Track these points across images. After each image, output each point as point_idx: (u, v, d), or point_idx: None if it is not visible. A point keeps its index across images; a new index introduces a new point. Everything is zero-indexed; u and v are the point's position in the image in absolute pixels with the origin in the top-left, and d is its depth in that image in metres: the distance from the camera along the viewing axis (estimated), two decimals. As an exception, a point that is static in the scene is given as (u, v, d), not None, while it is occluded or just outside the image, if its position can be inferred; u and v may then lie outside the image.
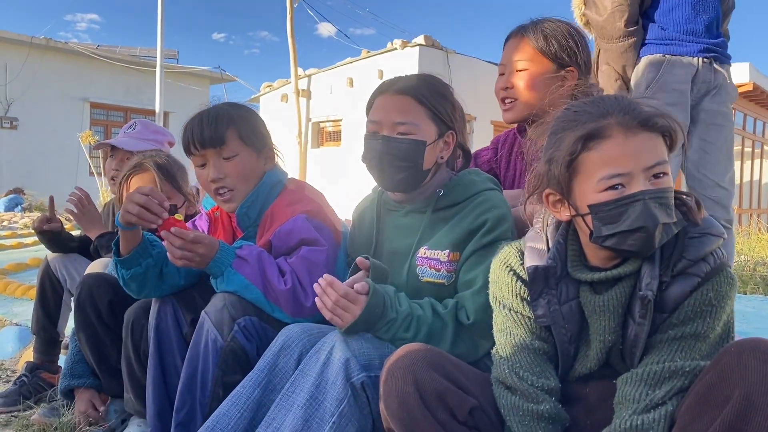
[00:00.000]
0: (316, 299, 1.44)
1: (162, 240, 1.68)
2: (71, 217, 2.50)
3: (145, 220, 1.62)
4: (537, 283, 1.27)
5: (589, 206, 1.19)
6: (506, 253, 1.35)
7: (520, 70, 1.86)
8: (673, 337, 1.18)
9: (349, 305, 1.40)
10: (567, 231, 1.29)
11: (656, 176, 1.16)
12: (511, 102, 1.89)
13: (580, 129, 1.19)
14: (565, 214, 1.25)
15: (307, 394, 1.37)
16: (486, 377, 1.34)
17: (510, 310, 1.32)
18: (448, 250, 1.58)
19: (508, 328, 1.32)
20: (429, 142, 1.59)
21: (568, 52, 1.83)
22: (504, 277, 1.33)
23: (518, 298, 1.31)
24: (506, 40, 1.93)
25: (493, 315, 1.38)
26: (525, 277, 1.30)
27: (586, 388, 1.28)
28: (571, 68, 1.83)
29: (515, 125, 2.01)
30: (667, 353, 1.17)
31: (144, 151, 2.54)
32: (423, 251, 1.61)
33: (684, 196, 1.23)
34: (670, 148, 1.20)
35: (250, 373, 1.50)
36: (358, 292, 1.41)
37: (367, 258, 1.55)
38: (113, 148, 2.68)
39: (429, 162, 1.61)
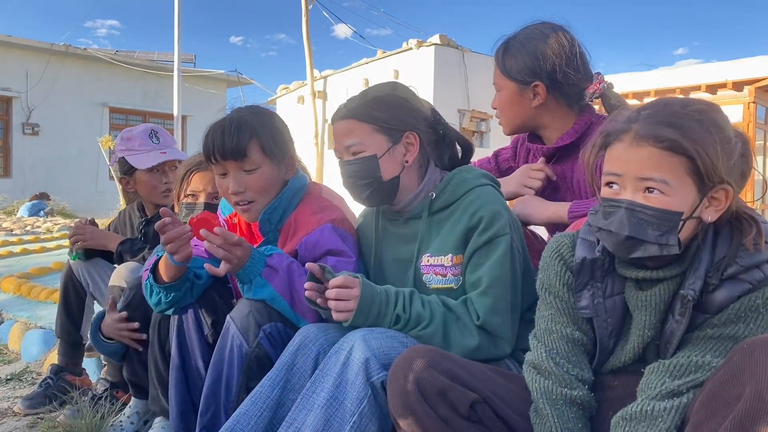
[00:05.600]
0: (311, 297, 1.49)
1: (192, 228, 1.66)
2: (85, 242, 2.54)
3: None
4: (583, 274, 1.29)
5: (599, 197, 1.25)
6: (560, 243, 1.36)
7: (498, 91, 1.93)
8: (710, 336, 1.17)
9: (350, 292, 1.45)
10: None
11: (649, 190, 1.15)
12: (500, 119, 1.97)
13: (609, 127, 1.24)
14: None
15: (328, 394, 1.38)
16: (491, 369, 1.38)
17: (555, 297, 1.33)
18: (450, 254, 1.58)
19: (551, 315, 1.33)
20: (380, 154, 1.62)
21: (529, 70, 1.83)
22: (554, 265, 1.34)
23: (565, 287, 1.32)
24: None
25: (538, 303, 1.40)
26: (574, 267, 1.33)
27: (615, 381, 1.28)
28: (536, 83, 1.83)
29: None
30: (700, 349, 1.17)
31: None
32: (426, 259, 1.62)
33: (748, 218, 1.19)
34: (704, 177, 1.13)
35: (268, 373, 1.51)
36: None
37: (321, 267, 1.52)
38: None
39: (390, 171, 1.63)
